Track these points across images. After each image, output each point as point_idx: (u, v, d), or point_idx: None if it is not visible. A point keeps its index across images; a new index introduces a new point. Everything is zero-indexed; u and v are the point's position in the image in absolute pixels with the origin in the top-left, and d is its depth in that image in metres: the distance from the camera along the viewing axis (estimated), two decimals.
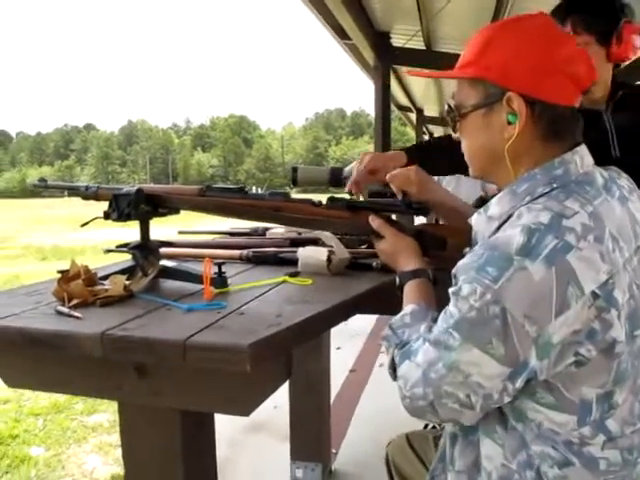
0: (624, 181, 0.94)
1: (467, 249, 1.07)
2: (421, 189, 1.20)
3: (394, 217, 1.25)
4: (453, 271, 0.87)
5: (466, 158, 1.02)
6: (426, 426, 1.50)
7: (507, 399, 0.83)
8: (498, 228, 0.88)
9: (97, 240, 12.16)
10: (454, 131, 1.01)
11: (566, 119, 0.90)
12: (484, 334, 0.78)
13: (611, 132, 1.39)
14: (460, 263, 0.85)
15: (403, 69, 8.32)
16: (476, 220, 0.97)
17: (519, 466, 0.86)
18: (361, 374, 3.60)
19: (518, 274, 0.77)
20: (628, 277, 0.83)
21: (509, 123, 0.89)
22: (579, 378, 0.81)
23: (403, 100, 11.99)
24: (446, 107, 1.00)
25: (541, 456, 0.84)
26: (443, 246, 1.17)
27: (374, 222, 1.19)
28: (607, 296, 0.78)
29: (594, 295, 0.77)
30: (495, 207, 0.92)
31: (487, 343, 0.78)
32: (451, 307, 0.84)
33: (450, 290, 0.85)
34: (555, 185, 0.86)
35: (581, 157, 0.90)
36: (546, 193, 0.86)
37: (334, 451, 2.56)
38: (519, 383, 0.80)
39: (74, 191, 1.42)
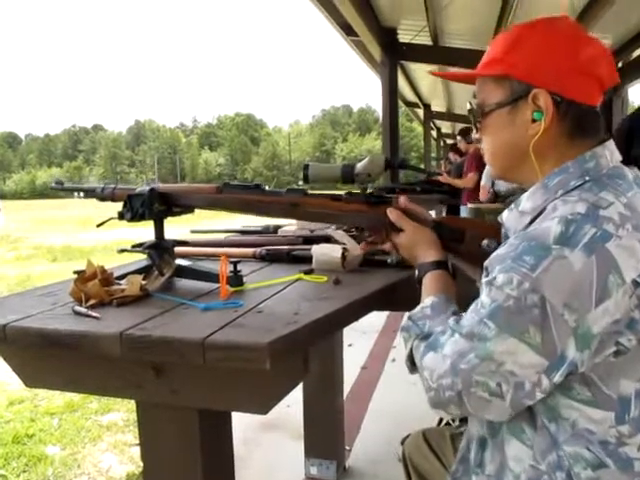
0: None
1: (485, 241, 1.07)
2: None
3: None
4: (486, 263, 0.86)
5: (487, 158, 1.02)
6: (440, 422, 1.49)
7: (539, 395, 0.81)
8: (531, 222, 0.88)
9: (107, 240, 12.21)
10: (477, 130, 1.02)
11: (590, 117, 0.91)
12: (521, 322, 0.78)
13: None
14: (494, 254, 0.85)
15: (411, 65, 8.31)
16: (507, 217, 0.97)
17: (549, 467, 0.84)
18: (373, 371, 3.60)
19: (557, 262, 0.76)
20: None
21: (534, 120, 0.90)
22: (617, 370, 0.80)
23: (410, 96, 11.96)
24: (468, 106, 1.00)
25: (574, 457, 0.82)
26: (461, 238, 1.16)
27: (392, 214, 1.18)
28: None
29: (635, 284, 0.76)
30: (527, 202, 0.92)
31: (524, 332, 0.77)
32: (484, 297, 0.83)
33: (483, 280, 0.85)
34: (587, 178, 0.86)
35: (611, 152, 0.90)
36: (579, 186, 0.86)
37: (348, 448, 2.55)
38: (557, 378, 0.79)
39: (91, 193, 1.43)
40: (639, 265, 0.77)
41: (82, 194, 1.45)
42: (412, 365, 0.96)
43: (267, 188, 1.32)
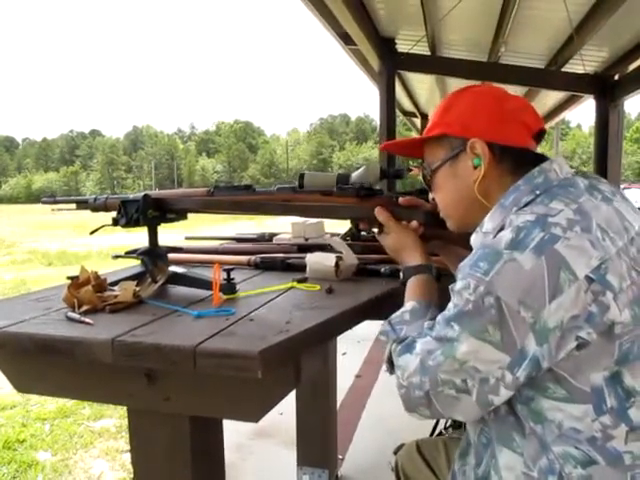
0: (605, 185, 0.96)
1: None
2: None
3: None
4: (456, 272, 0.91)
5: (443, 213, 1.11)
6: (433, 432, 1.49)
7: (504, 391, 0.84)
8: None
9: (102, 245, 12.19)
10: (430, 191, 1.12)
11: (525, 156, 0.99)
12: (480, 323, 0.83)
13: None
14: (460, 265, 0.90)
15: (409, 74, 8.35)
16: (474, 239, 1.02)
17: (541, 472, 0.86)
18: (367, 379, 3.60)
19: (508, 265, 0.82)
20: (625, 265, 0.84)
21: (475, 167, 1.00)
22: (583, 363, 0.83)
23: (408, 105, 11.99)
24: (421, 173, 1.11)
25: (563, 457, 0.84)
26: None
27: (380, 215, 1.23)
28: (601, 279, 0.81)
29: (588, 279, 0.80)
30: (488, 223, 0.97)
31: (483, 331, 0.83)
32: (450, 303, 0.90)
33: (449, 287, 0.90)
34: (538, 192, 0.92)
35: (559, 165, 0.96)
36: (531, 201, 0.92)
37: (340, 457, 2.55)
38: (520, 373, 0.82)
39: (83, 204, 1.43)
40: (590, 262, 0.81)
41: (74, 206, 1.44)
42: (391, 367, 1.01)
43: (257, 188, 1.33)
